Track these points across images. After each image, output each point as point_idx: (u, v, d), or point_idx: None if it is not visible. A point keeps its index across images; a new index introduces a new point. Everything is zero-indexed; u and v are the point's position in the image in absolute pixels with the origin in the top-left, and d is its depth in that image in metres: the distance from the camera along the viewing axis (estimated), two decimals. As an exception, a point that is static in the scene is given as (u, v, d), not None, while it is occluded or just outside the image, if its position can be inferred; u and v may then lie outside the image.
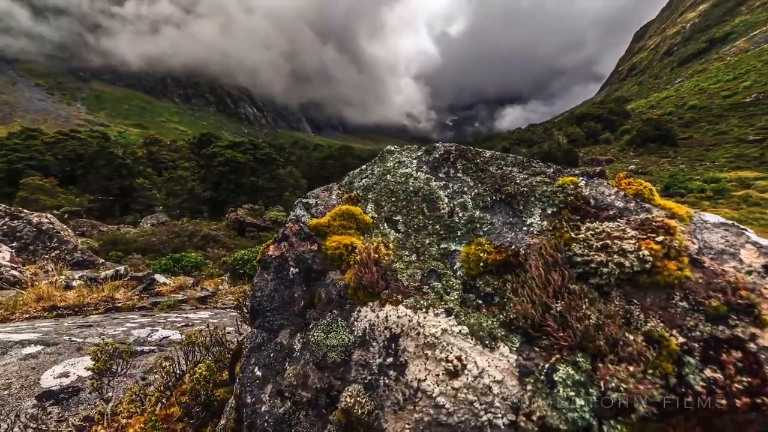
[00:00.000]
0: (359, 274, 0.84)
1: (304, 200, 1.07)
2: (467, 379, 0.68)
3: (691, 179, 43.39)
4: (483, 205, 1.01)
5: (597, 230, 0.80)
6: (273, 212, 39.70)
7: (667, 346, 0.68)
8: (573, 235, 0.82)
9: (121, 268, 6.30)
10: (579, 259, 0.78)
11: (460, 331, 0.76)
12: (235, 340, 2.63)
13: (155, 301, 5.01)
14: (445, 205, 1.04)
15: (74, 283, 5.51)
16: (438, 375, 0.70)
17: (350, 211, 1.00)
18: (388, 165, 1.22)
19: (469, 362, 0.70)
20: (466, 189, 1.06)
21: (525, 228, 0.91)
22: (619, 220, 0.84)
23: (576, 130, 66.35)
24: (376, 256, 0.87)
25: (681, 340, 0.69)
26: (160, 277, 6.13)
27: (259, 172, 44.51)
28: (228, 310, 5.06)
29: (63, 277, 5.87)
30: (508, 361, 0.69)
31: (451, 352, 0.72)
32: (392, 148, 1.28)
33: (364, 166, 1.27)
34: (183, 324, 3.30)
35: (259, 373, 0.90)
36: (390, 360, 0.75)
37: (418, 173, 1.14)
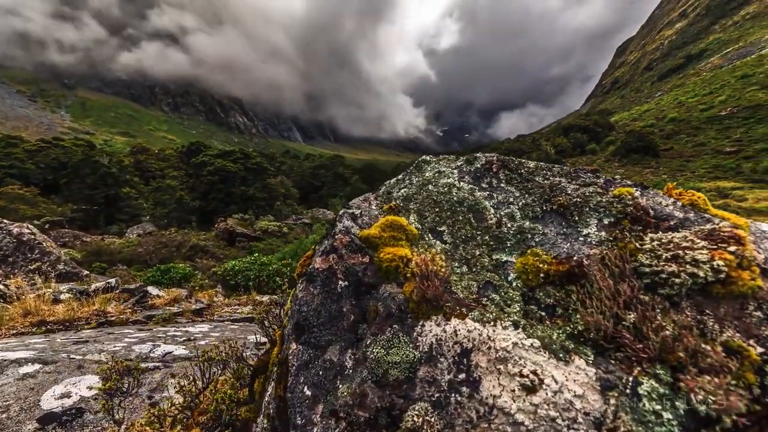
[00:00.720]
0: (422, 287, 0.81)
1: (349, 210, 1.05)
2: (546, 394, 0.66)
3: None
4: (533, 215, 1.00)
5: (664, 240, 0.80)
6: (264, 222, 39.23)
7: (747, 356, 0.68)
8: (638, 246, 0.82)
9: (112, 281, 6.09)
10: (647, 269, 0.78)
11: (531, 344, 0.74)
12: (251, 354, 2.55)
13: (150, 315, 4.83)
14: (492, 216, 1.03)
15: (63, 297, 5.29)
16: (514, 391, 0.68)
17: (397, 221, 0.98)
18: (427, 175, 1.20)
19: (545, 376, 0.68)
20: (512, 199, 1.06)
21: (581, 238, 0.90)
22: (682, 230, 0.84)
23: (563, 141, 68.05)
24: (434, 268, 0.85)
25: (760, 350, 0.69)
26: (153, 290, 5.94)
27: (249, 181, 44.09)
28: (227, 322, 4.92)
29: (51, 290, 5.63)
30: (587, 374, 0.68)
31: (524, 367, 0.70)
32: (428, 158, 1.28)
33: (401, 176, 1.26)
34: (184, 338, 3.18)
35: (308, 393, 0.86)
36: (462, 376, 0.72)
37: (461, 183, 1.13)
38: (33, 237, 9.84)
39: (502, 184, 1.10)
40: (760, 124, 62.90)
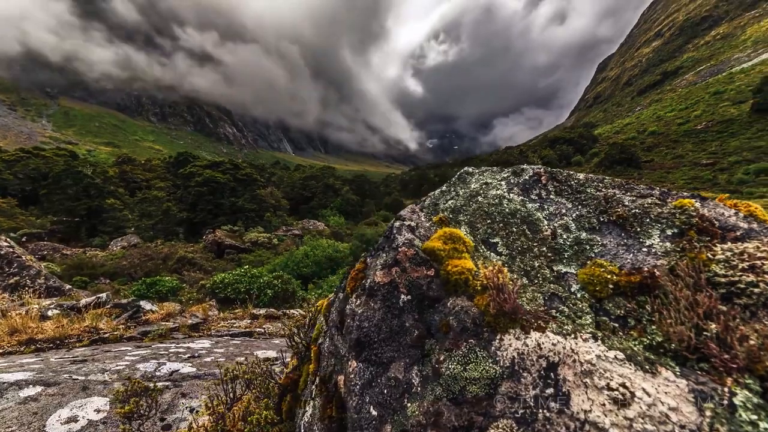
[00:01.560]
0: (498, 300, 0.80)
1: (406, 222, 1.03)
2: (640, 407, 0.65)
3: (655, 199, 46.09)
4: (589, 226, 1.01)
5: (737, 250, 0.81)
6: (253, 233, 38.64)
7: (834, 366, 0.69)
8: (710, 256, 0.83)
9: (103, 295, 5.85)
10: (722, 279, 0.79)
11: (615, 356, 0.73)
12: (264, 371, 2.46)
13: (145, 331, 4.64)
14: (546, 227, 1.04)
15: (51, 313, 5.05)
16: (604, 405, 0.66)
17: (456, 233, 0.97)
18: (473, 186, 1.20)
19: (636, 389, 0.67)
20: (564, 211, 1.06)
21: (645, 249, 0.91)
22: (750, 240, 0.86)
23: (550, 153, 69.82)
24: (504, 280, 0.84)
25: (844, 359, 0.70)
26: (146, 304, 5.73)
27: (239, 192, 43.56)
28: (226, 337, 4.76)
29: (37, 306, 5.37)
30: (677, 386, 0.67)
31: (611, 380, 0.69)
32: (471, 170, 1.28)
33: (444, 188, 1.25)
34: (188, 355, 3.05)
35: (375, 413, 0.83)
36: (549, 391, 0.70)
37: (511, 195, 1.14)
38: (11, 250, 9.44)
39: (551, 196, 1.11)
40: (733, 138, 66.02)
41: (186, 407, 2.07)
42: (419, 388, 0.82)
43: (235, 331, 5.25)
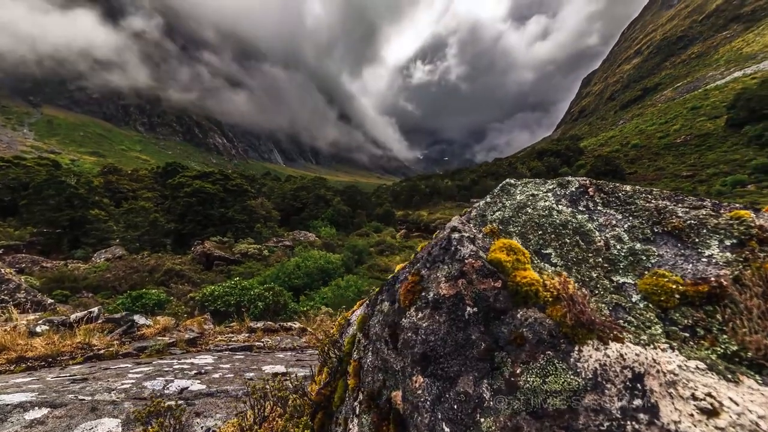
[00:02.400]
0: (575, 311, 0.80)
1: (464, 234, 1.03)
2: (730, 417, 0.65)
3: (640, 210, 47.52)
4: (643, 237, 1.03)
5: None
6: (243, 244, 38.04)
7: None
8: (775, 265, 0.86)
9: (95, 310, 5.63)
10: (791, 288, 0.82)
11: (696, 366, 0.73)
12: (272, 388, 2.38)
13: (141, 346, 4.47)
14: (598, 238, 1.05)
15: (39, 329, 4.83)
16: (692, 415, 0.66)
17: (514, 245, 0.97)
18: (520, 198, 1.22)
19: (722, 399, 0.68)
20: (614, 222, 1.08)
21: (704, 260, 0.93)
22: None
23: (538, 165, 71.34)
24: (574, 291, 0.84)
25: None
26: (140, 318, 5.53)
27: (229, 203, 43.00)
28: (226, 352, 4.61)
29: (25, 322, 5.13)
30: (763, 394, 0.68)
31: (696, 389, 0.69)
32: (513, 181, 1.30)
33: (489, 199, 1.26)
34: (194, 372, 2.94)
35: (447, 430, 0.81)
36: (637, 402, 0.70)
37: (560, 206, 1.15)
38: (-8, 263, 9.09)
39: (599, 207, 1.13)
40: (710, 151, 68.85)
41: (202, 427, 1.99)
42: (492, 403, 0.80)
43: (235, 346, 5.09)
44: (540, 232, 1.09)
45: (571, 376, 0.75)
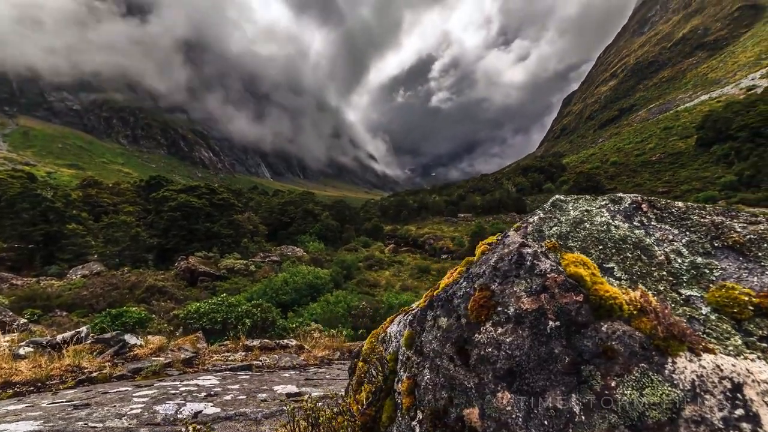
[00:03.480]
0: (665, 324, 0.82)
1: (539, 249, 1.05)
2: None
3: (621, 224, 49.31)
4: (703, 251, 1.07)
5: None
6: (229, 260, 37.13)
7: None
8: (841, 278, 0.91)
9: (83, 329, 5.34)
10: None
11: (788, 377, 0.76)
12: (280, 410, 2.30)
13: (136, 368, 4.24)
14: (659, 252, 1.09)
15: (23, 351, 4.53)
16: (794, 425, 0.69)
17: (584, 259, 0.99)
18: (574, 214, 1.25)
19: (819, 409, 0.70)
20: (671, 237, 1.12)
21: (768, 273, 0.98)
22: None
23: (522, 180, 73.16)
24: (656, 304, 0.87)
25: None
26: (131, 338, 5.26)
27: (215, 217, 42.13)
28: (227, 372, 4.42)
29: (6, 342, 4.82)
30: None
31: (791, 400, 0.72)
32: (563, 197, 1.33)
33: (543, 215, 1.29)
34: (203, 394, 2.81)
35: (541, 448, 0.80)
36: (739, 412, 0.71)
37: (616, 221, 1.19)
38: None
39: (653, 222, 1.18)
40: (683, 169, 72.33)
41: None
42: (583, 417, 0.80)
43: (233, 365, 4.90)
44: (600, 247, 1.12)
45: (669, 388, 0.76)
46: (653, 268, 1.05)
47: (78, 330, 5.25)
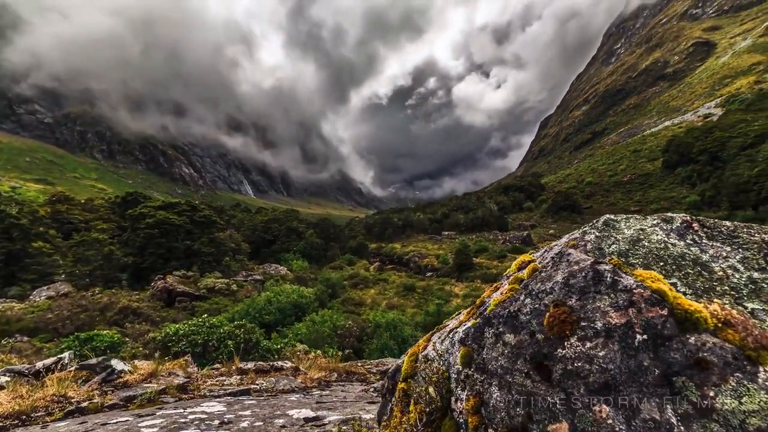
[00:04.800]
0: (753, 335, 0.88)
1: (617, 266, 1.11)
2: None
3: (599, 242, 51.35)
4: (758, 267, 1.16)
5: None
6: (210, 279, 35.81)
7: None
8: None
9: (65, 355, 4.97)
10: None
11: None
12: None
13: (128, 396, 3.96)
14: (717, 268, 1.17)
15: (1, 380, 4.17)
16: None
17: (658, 276, 1.06)
18: (629, 233, 1.33)
19: None
20: (724, 253, 1.21)
21: (828, 286, 1.07)
22: None
23: (504, 199, 75.17)
24: (739, 317, 0.93)
25: None
26: (118, 364, 4.93)
27: (195, 235, 40.81)
28: (226, 397, 4.20)
29: (-19, 372, 4.41)
30: None
31: None
32: (614, 217, 1.41)
33: (598, 233, 1.36)
34: (217, 422, 2.65)
35: (646, 461, 0.82)
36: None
37: (671, 239, 1.27)
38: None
39: (704, 240, 1.27)
40: (652, 189, 76.44)
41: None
42: (682, 427, 0.84)
43: (231, 390, 4.66)
44: (662, 264, 1.19)
45: (765, 395, 0.81)
46: (714, 283, 1.12)
47: (60, 356, 4.89)
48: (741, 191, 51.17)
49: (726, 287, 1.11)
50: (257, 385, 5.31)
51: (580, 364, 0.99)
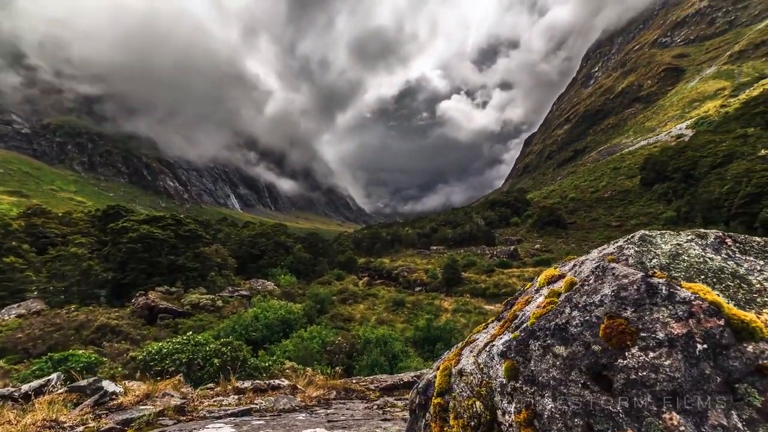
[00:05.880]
0: (809, 343, 0.95)
1: (667, 279, 1.17)
2: None
3: (581, 255, 52.57)
4: (792, 279, 1.25)
5: None
6: (194, 294, 34.68)
7: None
8: None
9: (53, 377, 4.71)
10: None
11: None
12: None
13: (125, 419, 3.76)
14: (755, 281, 1.25)
15: (-17, 405, 3.90)
16: None
17: (707, 288, 1.13)
18: (666, 248, 1.40)
19: None
20: (758, 267, 1.30)
21: None
22: None
23: (491, 214, 76.38)
24: (787, 325, 1.00)
25: None
26: (109, 385, 4.69)
27: (180, 249, 39.72)
28: (229, 418, 4.03)
29: (-39, 396, 4.12)
30: None
31: None
32: (650, 233, 1.49)
33: (637, 248, 1.43)
34: (231, 444, 2.56)
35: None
36: None
37: (708, 254, 1.35)
38: None
39: (737, 255, 1.35)
40: (632, 205, 79.18)
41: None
42: None
43: (231, 411, 4.48)
44: (702, 277, 1.27)
45: (830, 401, 0.87)
46: (755, 295, 1.20)
47: (48, 378, 4.63)
48: (713, 207, 53.70)
49: (766, 299, 1.19)
50: (257, 404, 5.12)
51: (645, 373, 1.04)
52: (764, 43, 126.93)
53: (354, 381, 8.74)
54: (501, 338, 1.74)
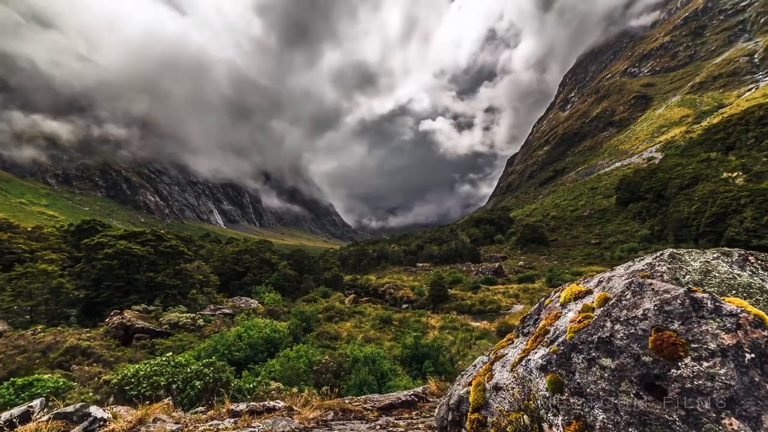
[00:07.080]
0: None
1: (709, 294, 1.27)
2: None
3: (563, 272, 53.68)
4: (817, 293, 1.37)
5: None
6: (174, 313, 33.16)
7: None
8: None
9: (35, 403, 4.39)
10: None
11: None
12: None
13: (120, 448, 3.53)
14: (782, 294, 1.37)
15: (-40, 436, 3.59)
16: None
17: (743, 302, 1.24)
18: (696, 265, 1.52)
19: None
20: (781, 282, 1.43)
21: None
22: None
23: (476, 231, 77.49)
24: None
25: None
26: (98, 411, 4.41)
27: (160, 266, 38.25)
28: (231, 446, 3.84)
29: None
30: None
31: None
32: (677, 251, 1.61)
33: (669, 265, 1.54)
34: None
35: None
36: None
37: (734, 270, 1.47)
38: None
39: (760, 271, 1.48)
40: (609, 223, 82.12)
41: None
42: None
43: (231, 437, 4.28)
44: (734, 292, 1.38)
45: None
46: (784, 307, 1.32)
47: (30, 404, 4.32)
48: (683, 226, 56.42)
49: (794, 311, 1.31)
50: (254, 427, 4.90)
51: (701, 381, 1.12)
52: (721, 76, 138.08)
53: (347, 401, 8.49)
54: (536, 352, 1.80)
